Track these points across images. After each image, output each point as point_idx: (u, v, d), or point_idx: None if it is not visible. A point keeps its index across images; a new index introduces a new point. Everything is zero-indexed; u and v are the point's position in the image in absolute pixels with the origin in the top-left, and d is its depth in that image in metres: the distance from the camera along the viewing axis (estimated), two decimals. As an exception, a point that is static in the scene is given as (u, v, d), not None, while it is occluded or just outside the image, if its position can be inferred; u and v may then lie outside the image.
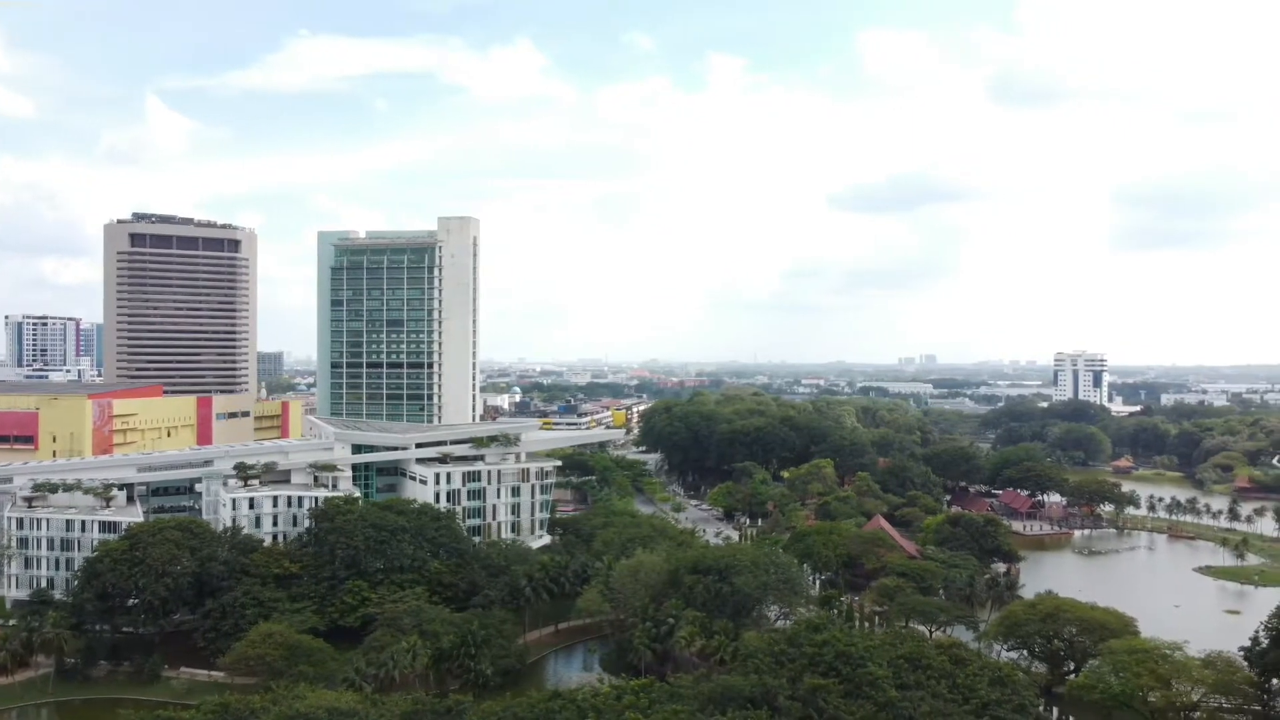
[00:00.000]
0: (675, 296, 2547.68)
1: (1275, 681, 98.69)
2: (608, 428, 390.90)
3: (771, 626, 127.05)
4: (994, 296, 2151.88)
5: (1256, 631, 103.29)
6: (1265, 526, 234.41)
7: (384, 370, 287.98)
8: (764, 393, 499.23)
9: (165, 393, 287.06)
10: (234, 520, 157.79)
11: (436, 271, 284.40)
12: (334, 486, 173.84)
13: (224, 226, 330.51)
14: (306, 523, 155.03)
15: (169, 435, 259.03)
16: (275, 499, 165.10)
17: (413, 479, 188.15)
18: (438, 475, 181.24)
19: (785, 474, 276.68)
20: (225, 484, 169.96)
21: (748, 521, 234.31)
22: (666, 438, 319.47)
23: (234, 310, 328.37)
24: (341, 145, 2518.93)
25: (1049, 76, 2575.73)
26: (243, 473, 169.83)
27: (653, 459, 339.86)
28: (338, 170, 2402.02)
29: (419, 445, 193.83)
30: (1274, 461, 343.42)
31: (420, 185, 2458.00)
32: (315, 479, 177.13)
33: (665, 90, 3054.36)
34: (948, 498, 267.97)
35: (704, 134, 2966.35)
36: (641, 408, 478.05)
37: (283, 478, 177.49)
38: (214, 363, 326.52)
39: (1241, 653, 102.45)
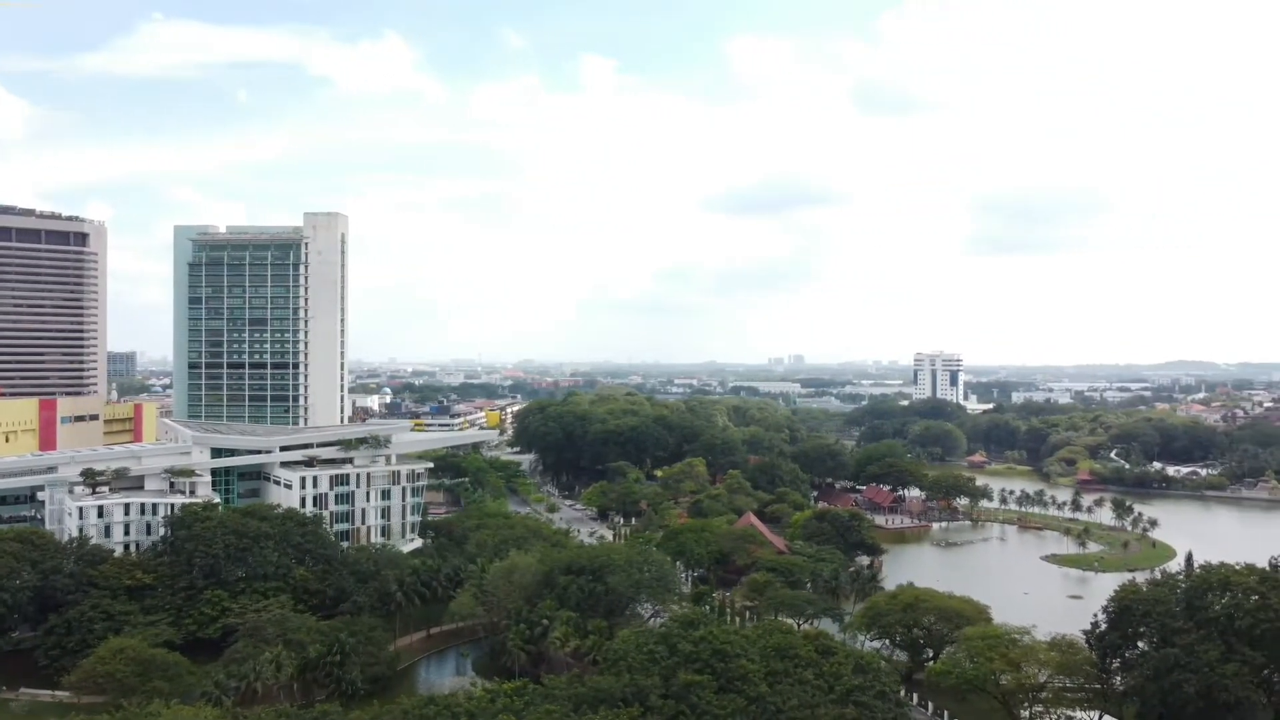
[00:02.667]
0: (550, 297, 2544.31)
1: (1113, 661, 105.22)
2: (481, 429, 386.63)
3: (645, 624, 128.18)
4: (859, 298, 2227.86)
5: (1096, 615, 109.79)
6: (1104, 516, 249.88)
7: (246, 371, 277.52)
8: (638, 393, 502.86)
9: (4, 395, 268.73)
10: (81, 530, 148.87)
11: (303, 269, 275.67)
12: (191, 493, 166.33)
13: (70, 219, 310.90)
14: (161, 531, 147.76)
15: (7, 440, 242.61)
16: (127, 507, 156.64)
17: (277, 483, 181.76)
18: (303, 479, 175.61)
19: (659, 473, 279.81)
20: (71, 492, 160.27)
21: (622, 521, 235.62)
22: (541, 438, 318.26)
23: (81, 308, 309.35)
24: (200, 136, 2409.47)
25: (908, 87, 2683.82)
26: (91, 479, 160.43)
27: (527, 460, 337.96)
28: (196, 162, 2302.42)
29: (284, 448, 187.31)
30: (1112, 455, 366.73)
31: (285, 180, 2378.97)
32: (171, 485, 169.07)
33: (537, 89, 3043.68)
34: (815, 494, 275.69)
35: (576, 134, 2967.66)
36: (516, 408, 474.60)
37: (135, 484, 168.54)
38: (59, 363, 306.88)
39: (1084, 635, 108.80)
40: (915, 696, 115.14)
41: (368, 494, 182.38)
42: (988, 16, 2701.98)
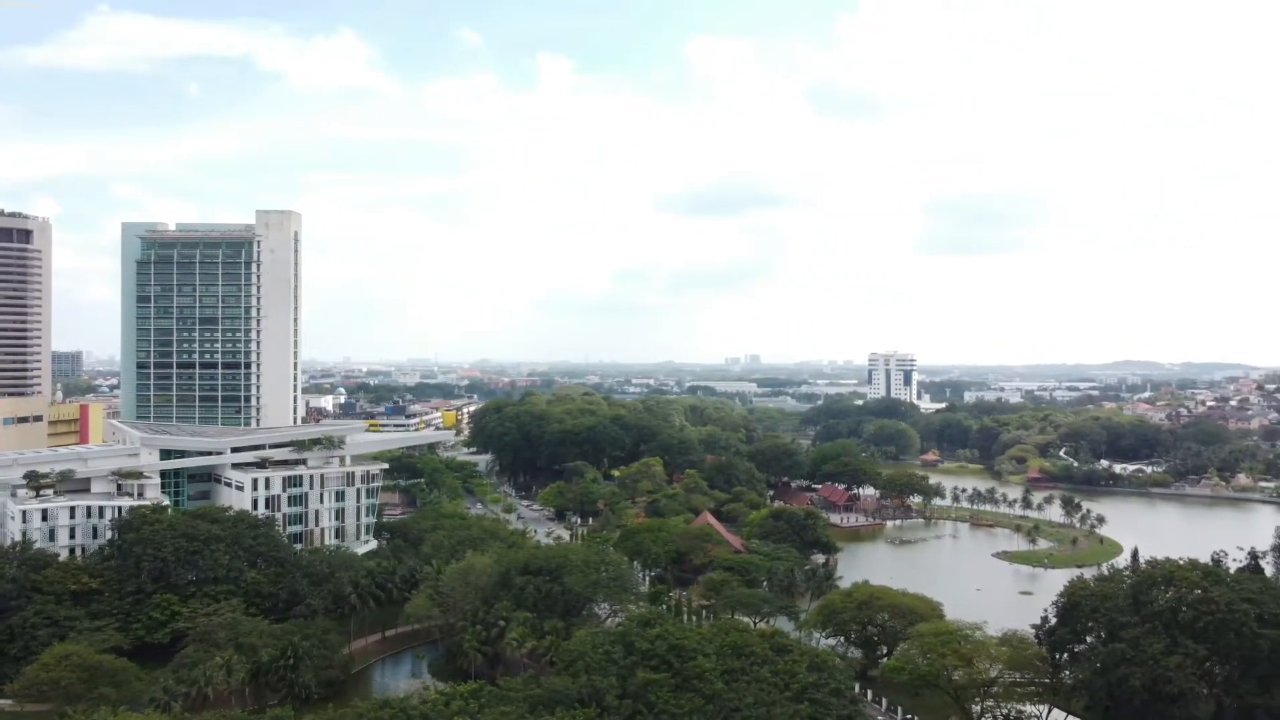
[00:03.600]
0: (507, 296, 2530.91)
1: (1062, 656, 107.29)
2: (437, 429, 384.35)
3: (602, 625, 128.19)
4: (815, 298, 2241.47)
5: (1046, 611, 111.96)
6: (1054, 513, 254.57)
7: (197, 371, 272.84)
8: (595, 392, 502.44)
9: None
10: (24, 534, 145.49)
11: (255, 267, 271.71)
12: (140, 495, 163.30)
13: (13, 215, 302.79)
14: (109, 534, 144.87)
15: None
16: (72, 510, 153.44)
17: (228, 485, 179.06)
18: (255, 481, 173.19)
19: (616, 473, 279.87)
20: (14, 495, 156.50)
21: (579, 521, 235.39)
22: (498, 438, 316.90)
23: (25, 306, 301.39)
24: (149, 132, 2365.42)
25: (865, 90, 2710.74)
26: (34, 482, 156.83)
27: (484, 460, 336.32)
28: (144, 158, 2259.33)
29: (235, 449, 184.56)
30: (1061, 453, 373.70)
31: (236, 177, 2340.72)
32: (119, 488, 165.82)
33: (494, 88, 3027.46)
34: (771, 492, 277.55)
35: (534, 133, 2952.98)
36: (472, 408, 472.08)
37: (81, 487, 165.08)
38: (1, 363, 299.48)
39: (1034, 630, 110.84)
40: (869, 693, 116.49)
41: (321, 495, 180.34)
42: (943, 21, 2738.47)
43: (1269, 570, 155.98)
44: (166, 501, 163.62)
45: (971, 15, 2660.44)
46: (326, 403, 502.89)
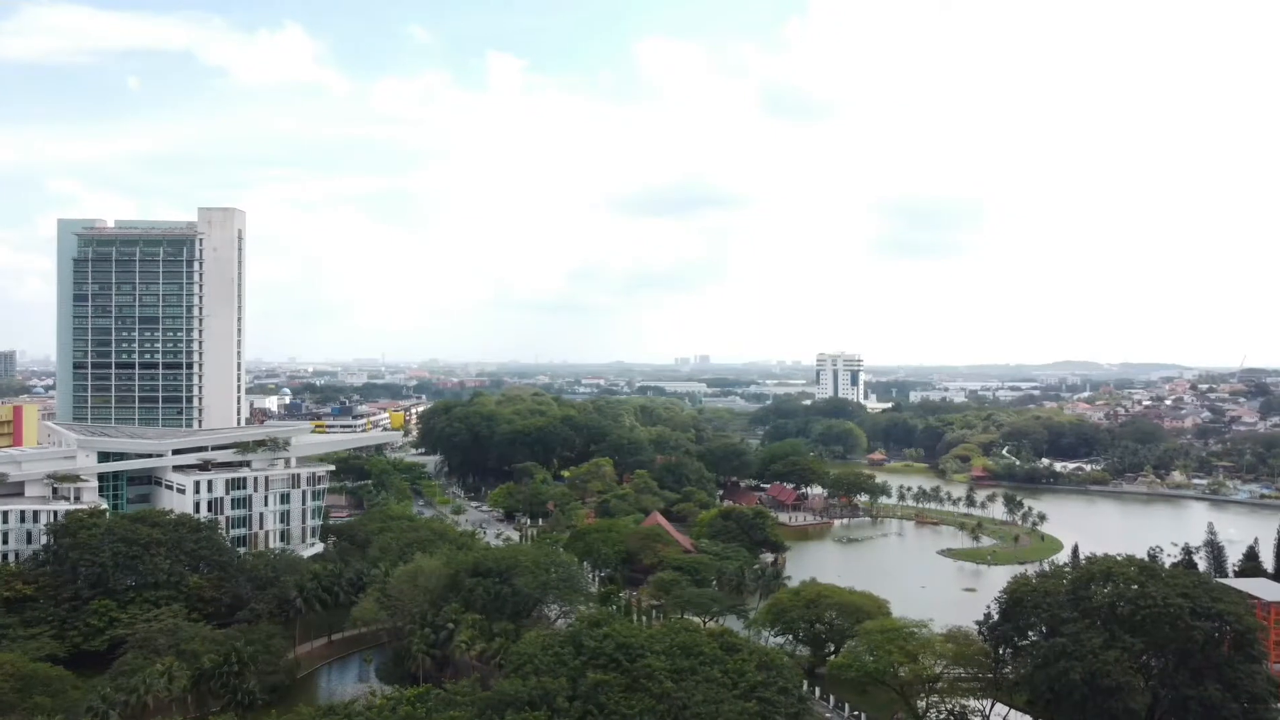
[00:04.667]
0: (456, 296, 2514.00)
1: (1005, 651, 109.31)
2: (385, 430, 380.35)
3: (552, 626, 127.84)
4: (764, 299, 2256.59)
5: (989, 607, 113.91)
6: (997, 511, 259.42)
7: (136, 371, 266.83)
8: (545, 393, 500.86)
9: None
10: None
11: (197, 265, 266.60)
12: (77, 499, 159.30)
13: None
14: (44, 539, 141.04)
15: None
16: (5, 514, 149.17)
17: (169, 488, 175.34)
18: (198, 483, 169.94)
19: (566, 473, 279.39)
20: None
21: (529, 522, 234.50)
22: (446, 439, 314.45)
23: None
24: (87, 126, 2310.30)
25: (813, 93, 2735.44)
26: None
27: (432, 461, 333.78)
28: (82, 153, 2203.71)
29: (176, 451, 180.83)
30: (1004, 452, 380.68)
31: (178, 173, 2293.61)
32: (55, 491, 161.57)
33: (445, 86, 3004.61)
34: (720, 492, 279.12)
35: (485, 132, 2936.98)
36: (421, 409, 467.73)
37: (15, 491, 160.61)
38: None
39: (977, 626, 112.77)
40: (817, 690, 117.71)
41: (266, 498, 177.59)
42: (890, 26, 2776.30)
43: (1202, 565, 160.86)
44: (105, 505, 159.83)
45: (917, 21, 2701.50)
46: (271, 403, 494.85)
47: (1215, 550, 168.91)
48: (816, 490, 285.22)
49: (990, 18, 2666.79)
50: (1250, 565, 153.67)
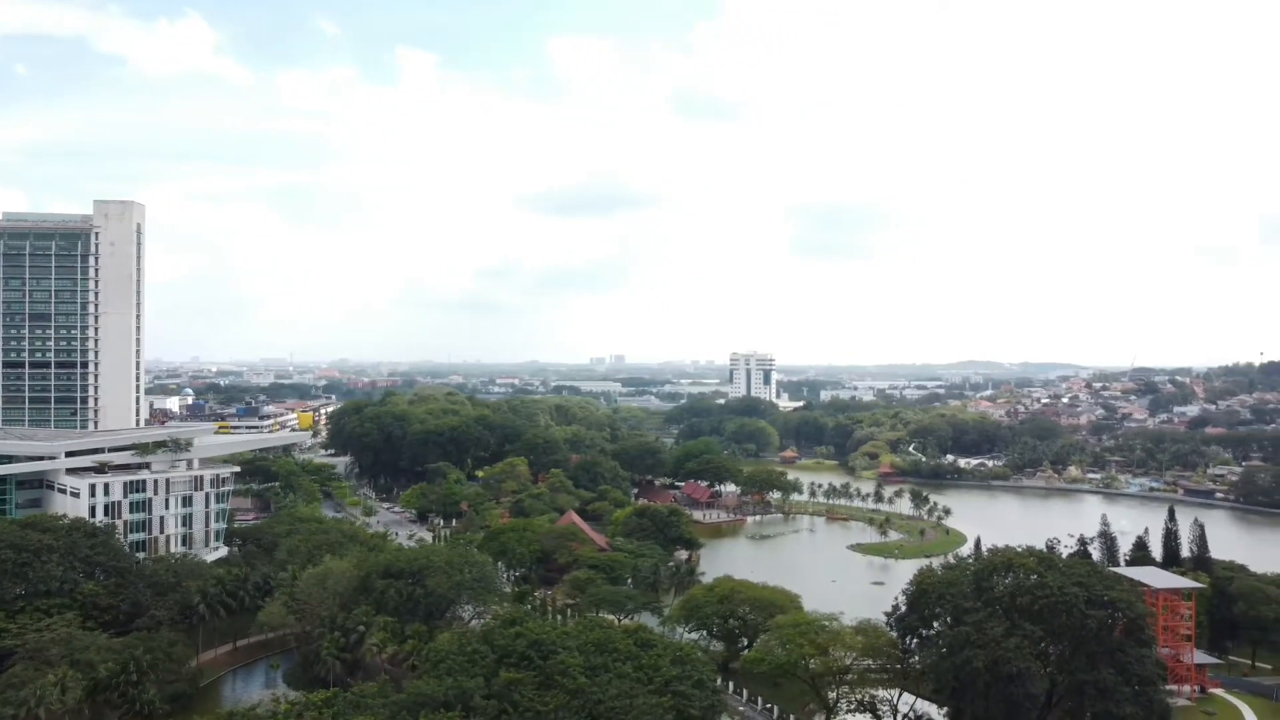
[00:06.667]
0: (368, 294, 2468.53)
1: (912, 641, 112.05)
2: (293, 430, 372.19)
3: (466, 626, 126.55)
4: (678, 299, 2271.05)
5: (897, 599, 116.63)
6: (904, 506, 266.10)
7: (26, 370, 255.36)
8: (459, 392, 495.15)
9: None
10: None
11: (93, 261, 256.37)
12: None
13: None
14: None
15: None
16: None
17: (62, 492, 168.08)
18: (93, 487, 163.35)
19: (480, 473, 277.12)
20: None
21: (442, 522, 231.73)
22: (357, 439, 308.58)
23: None
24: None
25: (725, 95, 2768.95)
26: None
27: (342, 462, 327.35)
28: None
29: (70, 454, 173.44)
30: (911, 449, 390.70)
31: (72, 164, 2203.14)
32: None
33: (354, 81, 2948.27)
34: (635, 491, 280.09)
35: (396, 128, 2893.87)
36: (330, 409, 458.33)
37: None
38: None
39: (885, 618, 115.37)
40: (731, 684, 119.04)
41: (167, 501, 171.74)
42: (797, 31, 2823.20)
43: (1096, 555, 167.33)
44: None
45: (825, 27, 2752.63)
46: (173, 404, 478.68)
47: (1108, 541, 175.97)
48: (730, 488, 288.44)
49: (887, 29, 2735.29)
50: (1140, 554, 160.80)
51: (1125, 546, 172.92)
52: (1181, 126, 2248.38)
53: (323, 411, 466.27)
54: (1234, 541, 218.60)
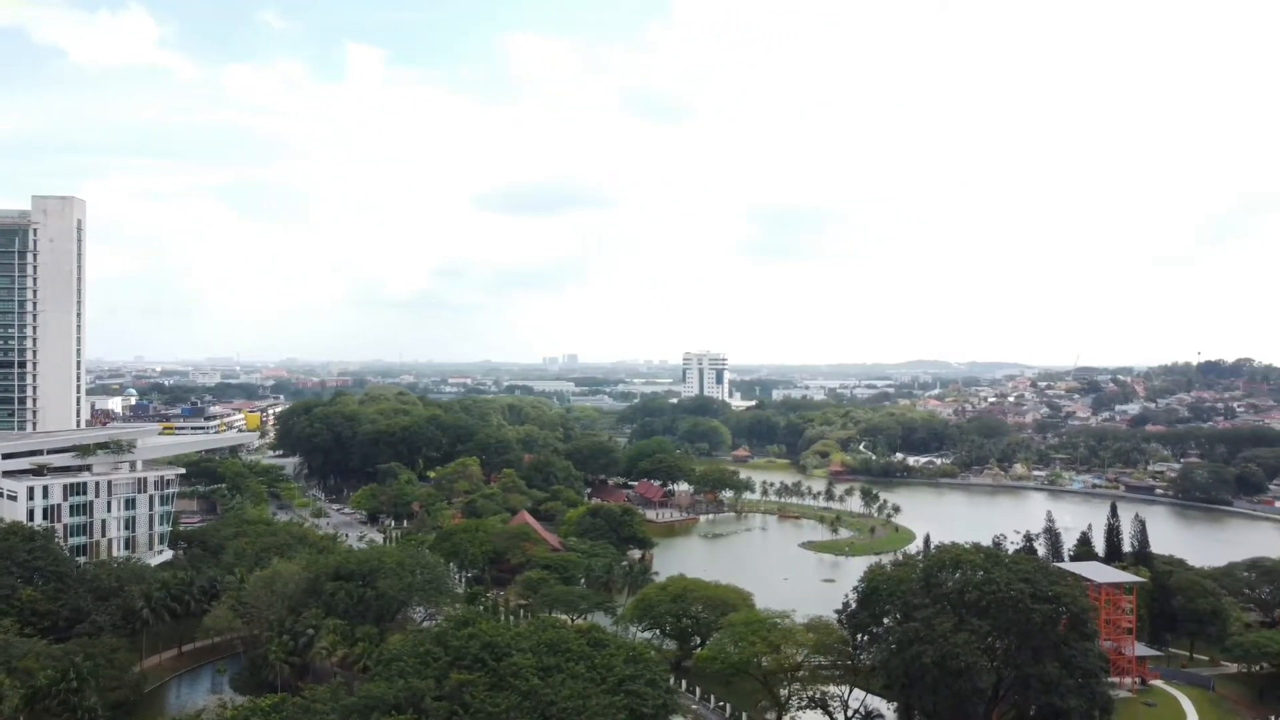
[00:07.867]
0: (317, 293, 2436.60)
1: (863, 638, 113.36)
2: (240, 431, 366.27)
3: (418, 628, 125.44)
4: (632, 298, 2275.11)
5: (848, 596, 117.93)
6: (854, 504, 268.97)
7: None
8: (410, 392, 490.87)
9: None
10: None
11: (31, 257, 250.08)
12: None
13: None
14: None
15: None
16: None
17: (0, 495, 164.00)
18: (31, 489, 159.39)
19: (432, 474, 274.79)
20: None
21: (393, 524, 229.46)
22: (306, 440, 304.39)
23: None
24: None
25: (679, 96, 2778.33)
26: None
27: (291, 463, 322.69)
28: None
29: (7, 456, 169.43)
30: (861, 448, 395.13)
31: (9, 158, 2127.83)
32: None
33: (302, 76, 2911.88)
34: (589, 490, 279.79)
35: (345, 125, 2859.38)
36: (278, 409, 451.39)
37: None
38: None
39: (836, 615, 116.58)
40: (684, 683, 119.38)
41: (109, 504, 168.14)
42: (749, 33, 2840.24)
43: (1041, 551, 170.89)
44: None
45: (775, 29, 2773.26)
46: (115, 404, 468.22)
47: (1053, 537, 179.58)
48: (683, 487, 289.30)
49: (834, 33, 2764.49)
50: (1084, 550, 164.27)
51: (1069, 542, 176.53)
52: (1126, 131, 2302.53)
53: (271, 412, 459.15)
54: (1173, 536, 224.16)
